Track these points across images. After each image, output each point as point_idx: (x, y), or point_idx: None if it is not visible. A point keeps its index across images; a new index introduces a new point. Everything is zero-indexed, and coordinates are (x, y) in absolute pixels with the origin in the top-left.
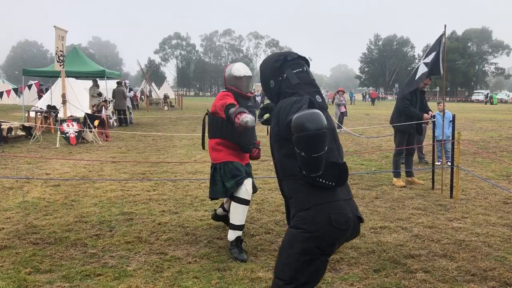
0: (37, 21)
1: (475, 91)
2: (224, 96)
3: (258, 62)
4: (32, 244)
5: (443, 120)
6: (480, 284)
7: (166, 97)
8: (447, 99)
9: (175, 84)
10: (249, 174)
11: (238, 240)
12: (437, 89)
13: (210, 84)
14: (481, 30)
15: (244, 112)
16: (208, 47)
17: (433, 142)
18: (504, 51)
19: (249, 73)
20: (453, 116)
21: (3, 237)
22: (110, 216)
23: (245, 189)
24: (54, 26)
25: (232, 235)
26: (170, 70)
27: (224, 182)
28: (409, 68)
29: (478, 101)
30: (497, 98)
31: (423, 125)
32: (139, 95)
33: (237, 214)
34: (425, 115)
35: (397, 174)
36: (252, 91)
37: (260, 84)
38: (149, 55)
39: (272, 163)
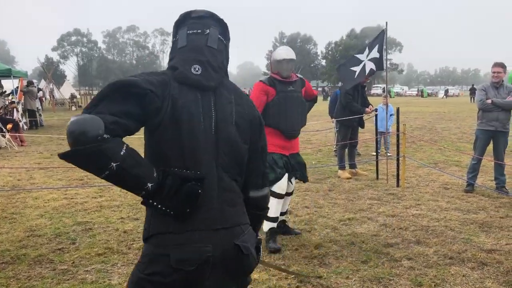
0: None
1: (373, 85)
2: (254, 90)
3: (165, 59)
4: None
5: (387, 113)
6: (460, 266)
7: (73, 96)
8: None
9: (76, 83)
10: (289, 168)
11: (273, 231)
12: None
13: None
14: (377, 28)
15: None
16: (111, 43)
17: (376, 134)
18: (397, 48)
19: (290, 56)
20: (398, 109)
21: None
22: (65, 227)
23: (279, 184)
24: None
25: (266, 226)
26: (70, 68)
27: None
28: (312, 65)
29: (377, 95)
30: (394, 92)
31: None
32: (41, 95)
33: (271, 206)
34: (367, 109)
35: (342, 167)
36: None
37: None
38: (46, 52)
39: None
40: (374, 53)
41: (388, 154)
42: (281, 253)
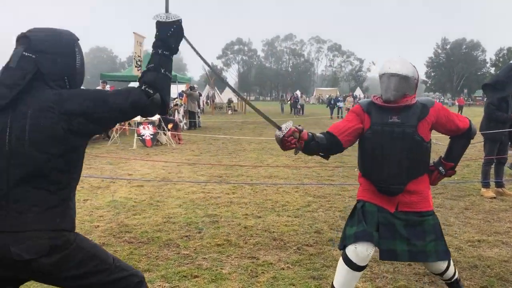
0: (106, 28)
1: None
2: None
3: (319, 67)
4: (127, 242)
5: None
6: None
7: (230, 101)
8: None
9: (236, 89)
10: (387, 233)
11: None
12: None
13: (270, 89)
14: None
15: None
16: (269, 52)
17: None
18: None
19: (393, 69)
20: None
21: (100, 234)
22: (196, 217)
23: (354, 248)
24: (134, 33)
25: None
26: (231, 75)
27: (346, 225)
28: (479, 73)
29: None
30: None
31: None
32: (204, 100)
33: (338, 273)
34: None
35: (486, 184)
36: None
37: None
38: (212, 60)
39: (356, 170)
40: None
41: None
42: (392, 264)
